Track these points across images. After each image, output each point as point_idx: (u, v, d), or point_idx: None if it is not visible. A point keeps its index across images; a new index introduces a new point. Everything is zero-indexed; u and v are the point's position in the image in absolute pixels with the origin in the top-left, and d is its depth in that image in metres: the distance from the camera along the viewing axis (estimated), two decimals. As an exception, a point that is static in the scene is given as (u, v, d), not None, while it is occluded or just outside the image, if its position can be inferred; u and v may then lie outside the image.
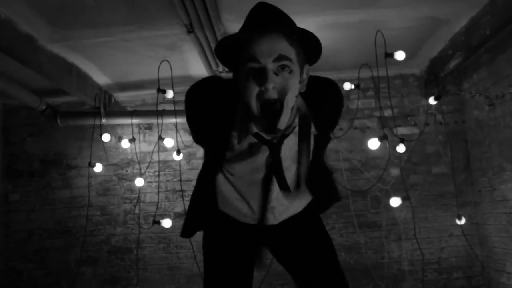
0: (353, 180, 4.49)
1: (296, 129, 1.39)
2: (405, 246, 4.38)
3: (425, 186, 4.48)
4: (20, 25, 3.12)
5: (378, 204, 4.46)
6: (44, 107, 4.31)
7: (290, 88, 1.26)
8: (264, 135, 1.34)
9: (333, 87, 1.46)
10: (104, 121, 4.42)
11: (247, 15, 1.34)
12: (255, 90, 1.24)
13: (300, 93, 1.36)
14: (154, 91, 3.85)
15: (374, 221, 4.45)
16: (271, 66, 1.23)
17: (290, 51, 1.25)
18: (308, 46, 1.32)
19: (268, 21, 1.28)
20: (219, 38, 3.33)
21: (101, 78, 4.31)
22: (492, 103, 3.92)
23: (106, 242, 4.56)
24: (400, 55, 3.50)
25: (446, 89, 4.47)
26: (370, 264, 4.31)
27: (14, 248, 4.59)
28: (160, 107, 4.29)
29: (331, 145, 4.32)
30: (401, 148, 3.81)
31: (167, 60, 3.69)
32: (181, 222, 1.82)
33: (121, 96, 4.77)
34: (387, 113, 4.11)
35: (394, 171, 4.28)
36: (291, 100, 1.28)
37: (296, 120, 1.37)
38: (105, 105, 4.53)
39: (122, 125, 4.67)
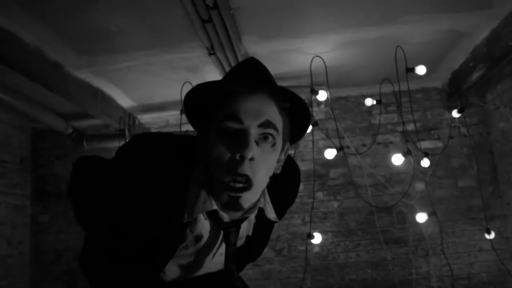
0: (378, 196, 4.45)
1: (253, 215, 1.16)
2: (433, 261, 4.30)
3: (452, 200, 4.41)
4: (48, 53, 3.23)
5: (404, 219, 4.40)
6: (70, 131, 4.42)
7: (268, 165, 1.04)
8: (221, 212, 1.09)
9: (295, 176, 1.30)
10: (128, 142, 4.50)
11: (233, 68, 1.12)
12: (226, 156, 0.99)
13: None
14: (177, 112, 3.91)
15: (401, 237, 4.39)
16: (254, 131, 0.99)
17: (278, 120, 1.03)
18: (297, 119, 1.09)
19: (258, 78, 1.05)
20: (240, 59, 3.38)
21: (125, 101, 4.41)
22: (517, 115, 3.86)
23: (133, 262, 4.60)
24: (421, 70, 3.49)
25: (469, 102, 4.42)
26: (398, 281, 4.24)
27: (44, 269, 4.67)
28: (184, 128, 4.34)
29: (355, 161, 4.31)
30: (425, 163, 3.77)
31: (189, 82, 3.75)
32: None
33: (145, 118, 4.86)
34: (410, 127, 4.08)
35: (419, 186, 4.23)
36: (263, 182, 1.06)
37: (260, 202, 1.13)
38: (129, 127, 4.61)
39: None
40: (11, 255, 4.42)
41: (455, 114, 4.04)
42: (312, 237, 3.66)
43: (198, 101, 1.07)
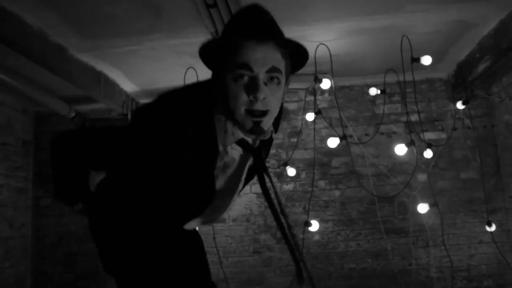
0: (380, 186, 4.45)
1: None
2: (433, 252, 4.31)
3: (453, 192, 4.40)
4: (51, 35, 3.21)
5: (405, 210, 4.40)
6: (73, 114, 4.42)
7: (277, 99, 1.26)
8: (247, 138, 1.31)
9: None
10: (131, 127, 4.50)
11: (238, 15, 1.29)
12: (243, 97, 1.20)
13: None
14: (180, 98, 3.89)
15: (401, 228, 4.40)
16: (262, 76, 1.20)
17: (281, 64, 1.23)
18: (297, 58, 1.29)
19: (264, 28, 1.23)
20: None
21: (128, 86, 4.40)
22: (522, 107, 3.83)
23: (134, 247, 4.62)
24: (426, 60, 3.46)
25: (474, 93, 4.39)
26: (397, 271, 4.25)
27: (45, 251, 4.71)
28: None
29: (358, 151, 4.31)
30: (428, 153, 3.76)
31: (193, 68, 3.73)
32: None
33: (147, 103, 4.85)
34: (414, 118, 4.06)
35: (422, 177, 4.22)
36: (276, 110, 1.28)
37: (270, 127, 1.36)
38: (132, 112, 4.61)
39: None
40: (13, 237, 4.45)
41: (459, 105, 4.01)
42: (309, 224, 3.66)
43: (211, 50, 1.26)
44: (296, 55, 1.27)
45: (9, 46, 2.90)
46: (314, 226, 3.71)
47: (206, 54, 1.27)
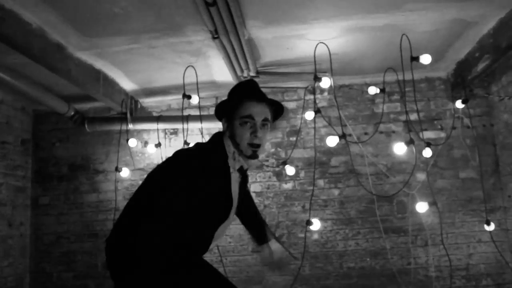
0: (379, 185, 4.45)
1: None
2: (432, 252, 4.31)
3: (453, 191, 4.40)
4: (50, 33, 3.20)
5: (404, 209, 4.40)
6: (72, 113, 4.42)
7: (266, 137, 2.00)
8: (244, 164, 2.02)
9: None
10: (130, 126, 4.49)
11: (241, 84, 2.13)
12: (247, 135, 1.93)
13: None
14: (180, 97, 3.90)
15: (400, 227, 4.40)
16: (259, 123, 1.94)
17: (269, 115, 2.00)
18: (277, 112, 2.08)
19: (260, 93, 2.02)
20: (243, 43, 3.36)
21: (127, 84, 4.39)
22: (522, 107, 3.83)
23: (133, 246, 4.62)
24: (426, 59, 3.45)
25: (473, 92, 4.39)
26: (396, 270, 4.25)
27: (44, 250, 4.70)
28: (186, 112, 4.34)
29: (357, 150, 4.31)
30: (427, 153, 3.76)
31: (192, 66, 3.73)
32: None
33: (147, 102, 4.85)
34: (413, 117, 4.06)
35: (420, 176, 4.22)
36: (265, 144, 2.03)
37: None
38: (131, 111, 4.60)
39: (148, 130, 4.74)
40: (12, 236, 4.44)
41: (458, 104, 4.00)
42: (311, 223, 3.67)
43: (222, 107, 2.06)
44: (277, 111, 2.07)
45: (8, 44, 2.90)
46: (316, 224, 3.72)
47: (218, 109, 2.06)
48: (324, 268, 4.41)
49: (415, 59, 3.44)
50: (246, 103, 1.95)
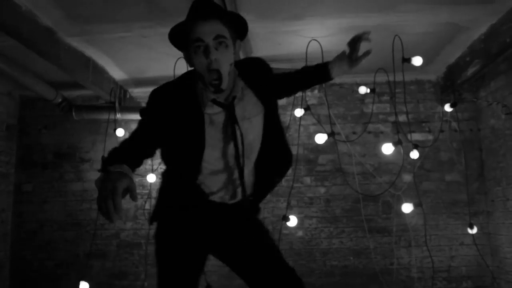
0: (365, 184, 4.47)
1: (243, 95, 1.74)
2: (415, 253, 4.34)
3: (438, 193, 4.44)
4: (41, 17, 3.15)
5: (389, 209, 4.43)
6: (60, 100, 4.36)
7: (228, 59, 1.64)
8: (217, 99, 1.70)
9: (255, 60, 1.88)
10: (118, 116, 4.45)
11: (190, 8, 1.69)
12: (204, 62, 1.61)
13: (239, 74, 1.75)
14: (170, 88, 3.86)
15: (384, 227, 4.42)
16: (212, 43, 1.61)
17: (224, 31, 1.63)
18: (238, 26, 1.71)
19: (206, 10, 1.64)
20: (236, 37, 3.33)
21: (117, 73, 4.34)
22: (509, 112, 3.87)
23: (116, 237, 4.59)
24: (417, 61, 3.47)
25: (462, 97, 4.43)
26: (379, 270, 4.28)
27: (26, 238, 4.64)
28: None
29: (345, 149, 4.32)
30: (414, 154, 3.78)
31: (183, 57, 3.70)
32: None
33: (136, 92, 4.80)
34: (402, 118, 4.09)
35: (407, 177, 4.25)
36: (227, 67, 1.65)
37: (240, 84, 1.73)
38: (120, 100, 4.56)
39: (136, 121, 4.64)
40: (-7, 222, 4.38)
41: (447, 108, 4.04)
42: (287, 219, 3.66)
43: (177, 35, 1.71)
44: (236, 24, 1.70)
45: (-5, 25, 2.85)
46: (293, 221, 3.71)
47: (174, 39, 1.74)
48: (307, 265, 4.42)
49: (407, 60, 3.45)
50: (192, 26, 1.62)
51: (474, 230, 3.90)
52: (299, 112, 3.93)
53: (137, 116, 4.52)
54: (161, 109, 1.72)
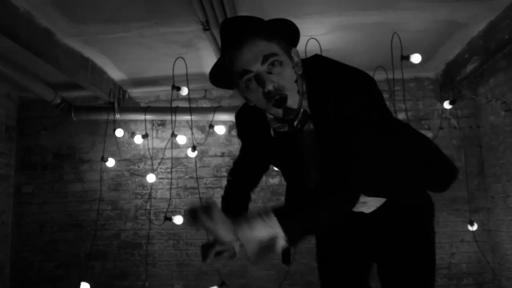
0: (365, 182, 4.46)
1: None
2: (416, 250, 4.34)
3: (438, 190, 4.43)
4: (38, 18, 3.15)
5: (389, 207, 4.42)
6: (59, 101, 4.35)
7: (288, 77, 1.34)
8: (287, 127, 1.46)
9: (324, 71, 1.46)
10: (117, 116, 4.45)
11: (220, 34, 1.42)
12: (260, 95, 1.33)
13: (306, 80, 1.43)
14: (169, 88, 3.86)
15: (385, 224, 4.42)
16: (262, 69, 1.31)
17: (271, 47, 1.33)
18: (285, 32, 1.40)
19: (238, 32, 1.34)
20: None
21: (116, 74, 4.34)
22: (508, 109, 3.87)
23: (116, 237, 4.59)
24: (416, 58, 3.47)
25: (461, 94, 4.43)
26: (380, 268, 4.27)
27: (26, 239, 4.64)
28: (174, 104, 4.30)
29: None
30: (414, 152, 3.77)
31: (182, 57, 3.70)
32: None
33: (135, 92, 4.80)
34: (401, 116, 4.08)
35: (407, 175, 4.24)
36: (292, 87, 1.35)
37: (305, 104, 1.41)
38: (119, 101, 4.55)
39: (136, 121, 4.69)
40: (-7, 224, 4.38)
41: (446, 105, 4.04)
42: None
43: (220, 75, 1.44)
44: (282, 31, 1.38)
45: (-6, 27, 2.84)
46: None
47: (220, 82, 1.47)
48: (309, 264, 4.41)
49: (406, 58, 3.46)
50: (231, 58, 1.35)
51: (475, 227, 3.91)
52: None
53: (135, 116, 4.53)
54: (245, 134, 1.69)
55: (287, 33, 1.40)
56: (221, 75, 1.43)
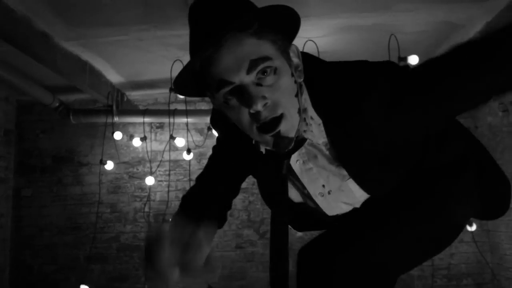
0: (363, 183, 4.46)
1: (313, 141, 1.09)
2: (415, 251, 4.34)
3: (436, 191, 4.44)
4: (36, 22, 3.15)
5: (388, 208, 4.43)
6: (57, 104, 4.35)
7: (284, 89, 0.94)
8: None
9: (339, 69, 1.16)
10: (116, 119, 4.45)
11: (189, 20, 1.00)
12: (245, 115, 0.94)
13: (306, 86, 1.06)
14: (167, 91, 3.87)
15: (384, 225, 4.42)
16: (248, 79, 0.91)
17: (261, 48, 0.92)
18: (281, 23, 0.98)
19: (213, 26, 0.90)
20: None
21: (114, 77, 4.34)
22: (506, 109, 3.88)
23: (116, 240, 4.59)
24: (413, 59, 3.48)
25: (459, 94, 4.43)
26: (379, 269, 4.27)
27: (25, 242, 4.64)
28: (172, 107, 4.31)
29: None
30: (412, 153, 3.78)
31: (180, 60, 3.70)
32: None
33: (133, 95, 4.81)
34: (399, 117, 4.08)
35: (405, 176, 4.25)
36: (289, 104, 0.95)
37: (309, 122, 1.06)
38: (117, 103, 4.55)
39: (134, 124, 4.70)
40: (-8, 227, 4.38)
41: (444, 106, 4.04)
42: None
43: (188, 82, 1.01)
44: (278, 22, 0.97)
45: (-9, 31, 2.85)
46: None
47: (185, 89, 1.04)
48: (307, 265, 4.42)
49: (403, 59, 3.46)
50: (204, 61, 0.94)
51: (473, 227, 3.91)
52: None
53: (134, 119, 4.53)
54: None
55: (285, 24, 0.99)
56: (191, 82, 1.00)
